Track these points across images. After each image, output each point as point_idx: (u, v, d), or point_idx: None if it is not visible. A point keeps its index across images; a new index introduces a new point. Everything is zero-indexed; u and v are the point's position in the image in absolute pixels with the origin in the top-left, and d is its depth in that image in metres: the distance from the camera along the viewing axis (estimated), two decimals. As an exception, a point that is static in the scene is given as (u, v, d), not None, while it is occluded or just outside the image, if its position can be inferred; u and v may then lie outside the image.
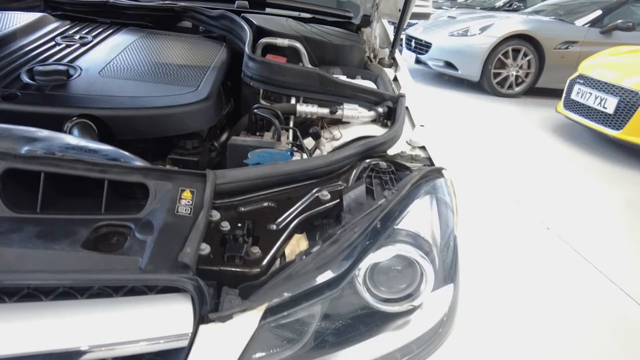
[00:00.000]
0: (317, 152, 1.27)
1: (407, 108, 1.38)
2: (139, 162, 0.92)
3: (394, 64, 1.85)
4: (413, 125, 1.33)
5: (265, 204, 0.92)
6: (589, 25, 6.62)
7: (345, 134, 1.32)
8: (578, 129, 5.25)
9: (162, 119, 1.13)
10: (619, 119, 4.46)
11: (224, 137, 1.50)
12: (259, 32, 1.61)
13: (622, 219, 3.48)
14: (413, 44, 7.36)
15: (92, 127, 1.08)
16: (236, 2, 1.89)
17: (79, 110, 1.09)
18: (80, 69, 1.25)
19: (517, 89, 6.66)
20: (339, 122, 1.37)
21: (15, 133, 0.94)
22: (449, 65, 6.74)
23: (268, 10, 1.98)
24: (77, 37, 1.48)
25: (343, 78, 1.50)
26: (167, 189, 0.84)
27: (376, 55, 1.85)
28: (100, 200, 0.84)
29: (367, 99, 1.37)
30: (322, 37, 1.67)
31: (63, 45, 1.41)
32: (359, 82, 1.51)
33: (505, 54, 6.45)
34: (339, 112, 1.32)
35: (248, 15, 1.70)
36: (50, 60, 1.31)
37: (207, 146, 1.28)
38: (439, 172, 1.06)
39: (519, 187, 3.81)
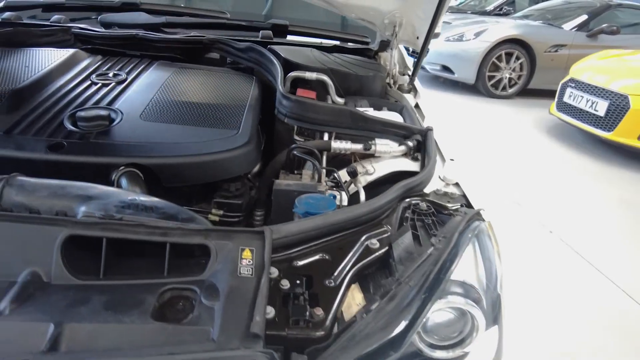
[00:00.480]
0: (352, 187, 1.23)
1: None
2: (196, 218, 0.89)
3: (412, 89, 1.81)
4: (443, 159, 1.30)
5: (319, 256, 0.88)
6: (576, 29, 6.57)
7: (378, 169, 1.29)
8: (570, 129, 5.21)
9: (209, 166, 1.09)
10: (609, 121, 4.42)
11: (256, 168, 1.46)
12: (287, 64, 1.57)
13: (619, 219, 3.45)
14: (411, 49, 7.28)
15: (139, 175, 1.05)
16: (260, 32, 1.84)
17: (125, 159, 1.05)
18: (121, 112, 1.20)
19: (511, 91, 6.62)
20: (370, 155, 1.33)
21: (69, 192, 0.90)
22: (446, 68, 6.69)
23: (290, 37, 1.93)
24: (111, 74, 1.43)
25: (371, 111, 1.46)
26: (228, 249, 0.80)
27: (395, 82, 1.81)
28: (159, 259, 0.80)
29: (396, 133, 1.34)
30: (347, 68, 1.63)
31: (99, 85, 1.36)
32: (386, 114, 1.48)
33: (499, 58, 6.40)
34: (372, 147, 1.28)
35: (274, 47, 1.65)
36: (90, 102, 1.26)
37: (247, 184, 1.24)
38: (479, 215, 1.02)
39: (518, 188, 3.78)
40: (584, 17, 6.65)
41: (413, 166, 1.29)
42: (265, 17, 2.53)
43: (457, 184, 1.18)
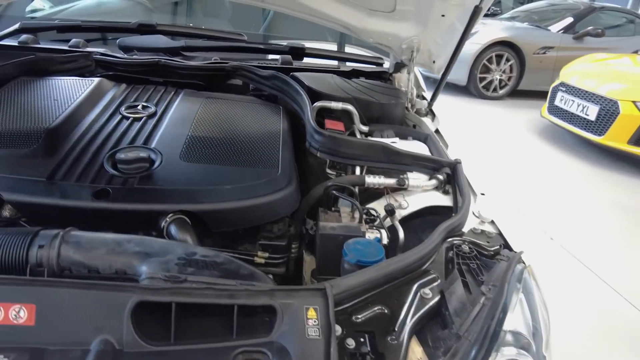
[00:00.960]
0: (387, 221, 1.25)
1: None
2: (256, 273, 0.89)
3: (429, 112, 1.83)
4: (474, 193, 1.32)
5: (377, 309, 0.89)
6: (562, 31, 6.69)
7: (411, 203, 1.30)
8: (561, 131, 5.32)
9: (256, 210, 1.09)
10: (600, 125, 4.53)
11: None
12: (310, 92, 1.57)
13: (615, 222, 3.54)
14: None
15: (188, 222, 1.04)
16: (280, 57, 1.83)
17: (173, 206, 1.04)
18: (160, 153, 1.19)
19: (501, 92, 6.71)
20: (401, 188, 1.34)
21: (127, 248, 0.89)
22: (437, 70, 6.73)
23: (308, 60, 1.93)
24: (140, 106, 1.41)
25: (398, 141, 1.48)
26: (293, 309, 0.81)
27: (413, 105, 1.82)
28: (225, 319, 0.80)
29: (426, 165, 1.36)
30: (369, 95, 1.63)
31: (131, 120, 1.34)
32: (412, 144, 1.49)
33: (490, 60, 6.48)
34: (406, 182, 1.30)
35: (297, 74, 1.65)
36: (125, 140, 1.24)
37: (287, 222, 1.24)
38: (521, 258, 1.05)
39: (516, 193, 3.85)
40: (570, 19, 6.77)
41: (444, 200, 1.31)
42: (264, 37, 2.52)
43: (492, 222, 1.20)
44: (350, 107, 1.53)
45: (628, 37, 6.84)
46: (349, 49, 2.43)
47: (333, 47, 2.50)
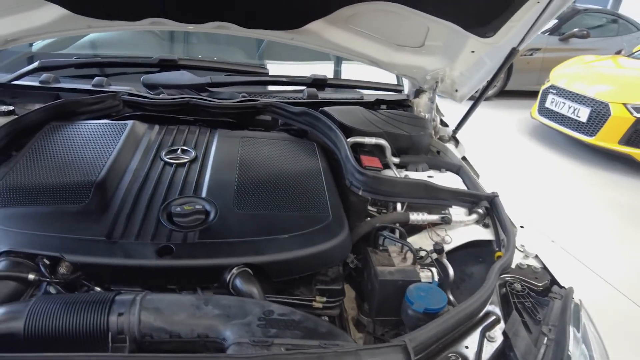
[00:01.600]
0: (434, 256, 1.27)
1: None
2: (334, 330, 0.92)
3: (451, 139, 1.87)
4: (514, 226, 1.36)
5: (451, 355, 0.93)
6: (548, 33, 6.84)
7: (454, 238, 1.34)
8: (551, 132, 5.44)
9: (315, 258, 1.12)
10: (591, 126, 4.66)
11: None
12: (342, 127, 1.60)
13: (613, 221, 3.66)
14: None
15: (251, 274, 1.06)
16: (305, 89, 1.86)
17: (237, 259, 1.05)
18: (213, 203, 1.20)
19: (490, 93, 6.82)
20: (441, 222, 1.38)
21: (207, 312, 0.91)
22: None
23: (330, 90, 1.96)
24: (179, 150, 1.42)
25: (433, 174, 1.52)
26: (378, 368, 0.84)
27: (437, 132, 1.87)
28: None
29: (465, 200, 1.40)
30: (399, 128, 1.67)
31: (174, 166, 1.35)
32: (446, 177, 1.54)
33: (478, 63, 6.58)
34: (449, 218, 1.34)
35: (326, 109, 1.68)
36: (174, 189, 1.25)
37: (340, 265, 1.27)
38: (571, 294, 1.10)
39: (513, 195, 3.93)
40: (555, 21, 6.92)
41: (485, 233, 1.36)
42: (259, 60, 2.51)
43: (536, 256, 1.25)
44: (383, 141, 1.57)
45: (612, 37, 7.05)
46: (346, 66, 2.44)
47: (330, 66, 2.50)
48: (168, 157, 1.37)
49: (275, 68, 2.28)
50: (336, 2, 1.44)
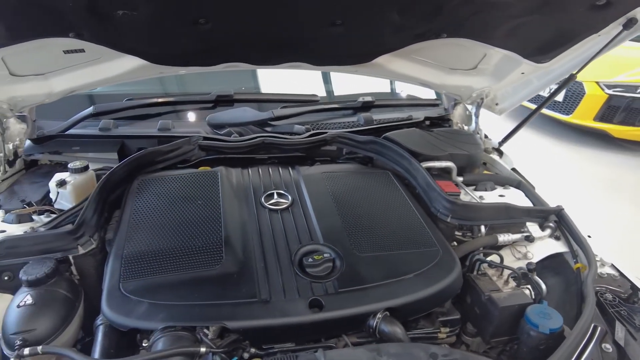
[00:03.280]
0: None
1: None
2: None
3: (494, 151, 2.02)
4: (582, 235, 1.52)
5: (583, 373, 1.08)
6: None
7: (535, 253, 1.49)
8: (526, 112, 5.73)
9: (442, 294, 1.21)
10: (568, 105, 4.99)
11: None
12: (409, 153, 1.69)
13: (606, 199, 3.95)
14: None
15: (392, 317, 1.15)
16: (360, 115, 1.94)
17: (379, 305, 1.13)
18: (335, 249, 1.27)
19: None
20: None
21: None
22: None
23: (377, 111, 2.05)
24: (275, 195, 1.47)
25: (504, 193, 1.65)
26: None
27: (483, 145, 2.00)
28: None
29: (537, 216, 1.55)
30: (458, 147, 1.79)
31: (278, 212, 1.41)
32: (513, 194, 1.67)
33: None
34: (531, 235, 1.48)
35: (389, 135, 1.77)
36: (292, 238, 1.30)
37: None
38: None
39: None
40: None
41: (559, 246, 1.51)
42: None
43: (612, 265, 1.42)
44: (450, 163, 1.68)
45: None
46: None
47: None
48: (269, 204, 1.43)
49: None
50: (408, 38, 1.52)
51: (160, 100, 1.85)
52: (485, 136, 2.07)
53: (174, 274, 1.16)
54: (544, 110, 5.24)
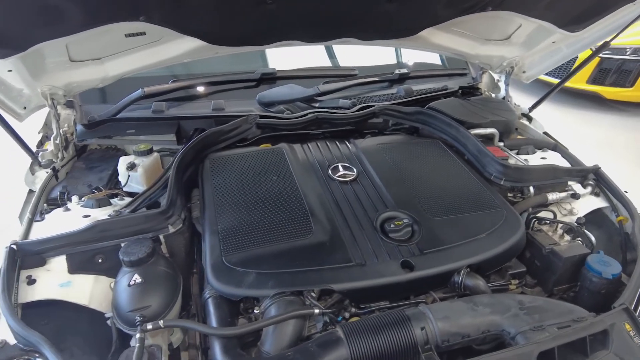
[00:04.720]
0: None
1: None
2: (574, 307, 1.14)
3: (525, 116, 2.12)
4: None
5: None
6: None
7: (579, 208, 1.62)
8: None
9: (512, 250, 1.32)
10: (562, 69, 5.12)
11: None
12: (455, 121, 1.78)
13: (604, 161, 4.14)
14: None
15: (474, 273, 1.25)
16: (400, 87, 2.01)
17: (462, 262, 1.23)
18: (411, 215, 1.37)
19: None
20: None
21: (482, 311, 1.09)
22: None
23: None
24: (340, 167, 1.55)
25: (545, 155, 1.76)
26: (617, 329, 1.10)
27: (514, 111, 2.11)
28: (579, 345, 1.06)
29: (577, 175, 1.67)
30: (497, 114, 1.88)
31: (348, 183, 1.48)
32: (551, 155, 1.79)
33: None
34: (577, 193, 1.60)
35: (433, 105, 1.85)
36: (369, 207, 1.39)
37: None
38: None
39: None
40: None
41: (599, 202, 1.64)
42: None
43: None
44: (494, 130, 1.78)
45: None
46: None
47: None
48: (337, 176, 1.50)
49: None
50: (456, 12, 1.58)
51: (208, 80, 1.87)
52: (514, 103, 2.16)
53: (271, 245, 1.24)
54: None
